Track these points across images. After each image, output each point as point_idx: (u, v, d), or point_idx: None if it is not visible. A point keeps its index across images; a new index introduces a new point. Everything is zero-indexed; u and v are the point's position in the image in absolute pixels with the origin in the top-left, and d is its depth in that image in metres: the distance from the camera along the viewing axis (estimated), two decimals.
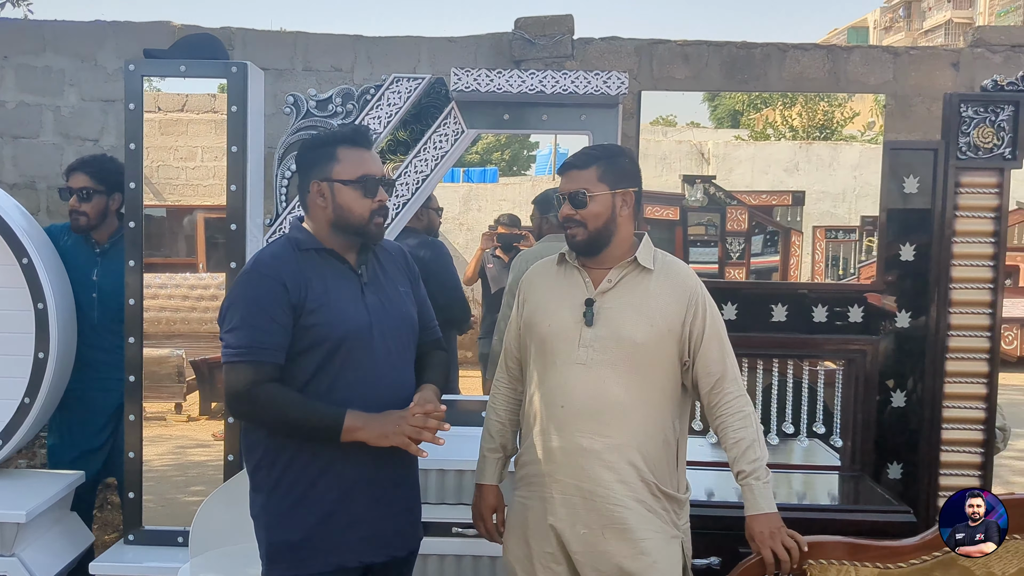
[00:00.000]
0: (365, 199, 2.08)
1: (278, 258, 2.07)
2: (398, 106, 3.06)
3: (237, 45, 6.08)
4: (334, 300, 2.05)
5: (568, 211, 2.13)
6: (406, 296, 2.21)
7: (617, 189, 2.14)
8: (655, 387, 2.10)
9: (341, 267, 2.12)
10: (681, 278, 2.16)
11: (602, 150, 2.20)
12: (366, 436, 1.96)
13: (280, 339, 2.00)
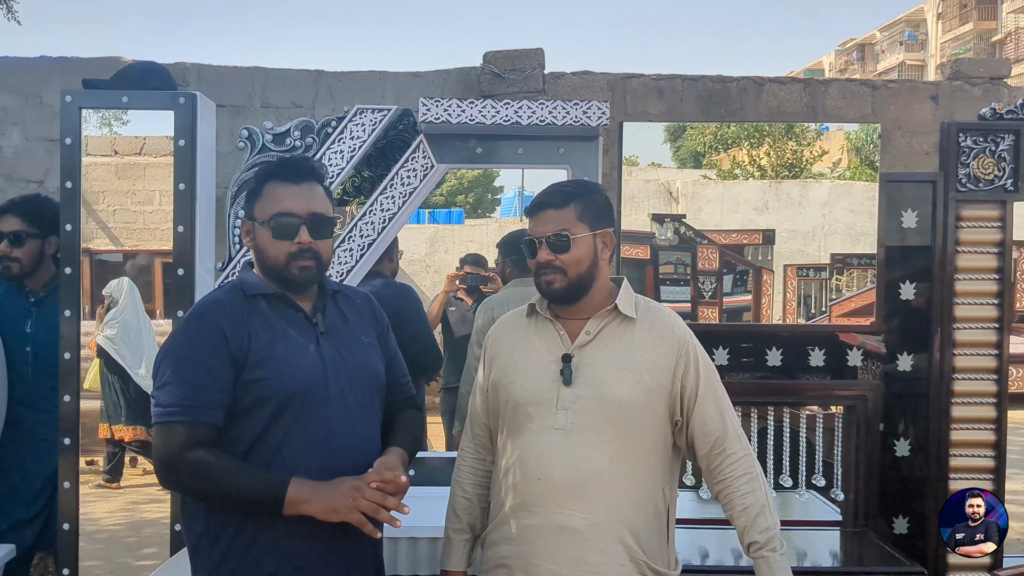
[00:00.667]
0: (278, 241, 1.90)
1: (219, 304, 1.89)
2: (362, 139, 2.90)
3: (192, 81, 5.93)
4: (282, 351, 1.86)
5: (546, 256, 1.94)
6: (370, 348, 2.02)
7: (597, 230, 1.97)
8: (644, 452, 1.92)
9: (294, 315, 1.93)
10: (668, 326, 1.98)
11: (577, 186, 2.03)
12: (313, 510, 1.76)
13: (217, 396, 1.80)
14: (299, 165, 1.97)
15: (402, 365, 2.14)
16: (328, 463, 1.83)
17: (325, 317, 1.97)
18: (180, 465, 1.77)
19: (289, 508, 1.75)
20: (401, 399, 2.11)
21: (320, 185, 1.99)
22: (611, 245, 2.00)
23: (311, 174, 1.97)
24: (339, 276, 2.87)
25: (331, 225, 1.97)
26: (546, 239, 1.94)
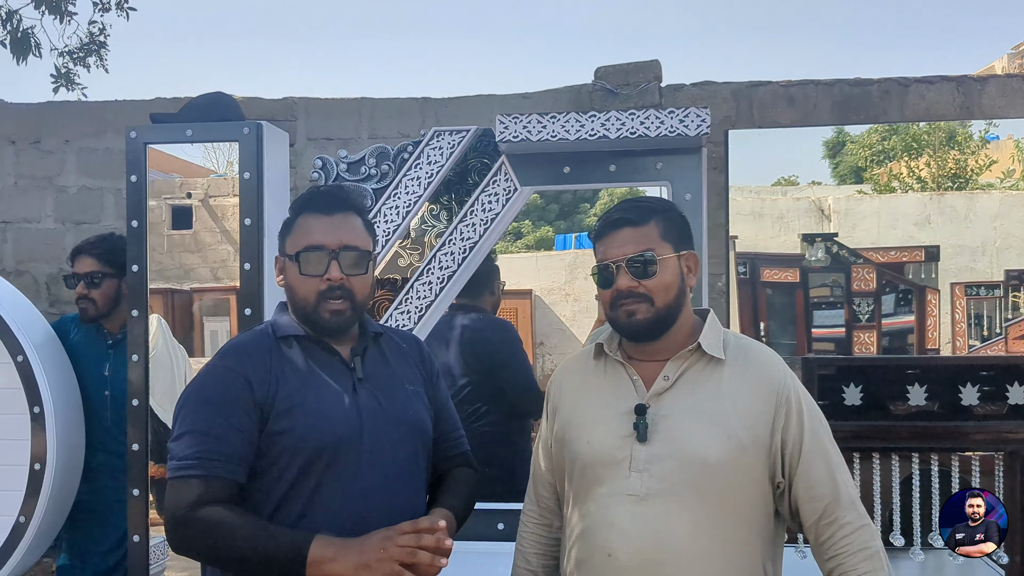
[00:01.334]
0: (307, 277, 1.74)
1: (244, 346, 1.75)
2: (440, 164, 2.73)
3: (300, 115, 5.99)
4: (312, 400, 1.69)
5: (628, 283, 1.68)
6: (416, 397, 1.83)
7: (682, 251, 1.71)
8: (737, 522, 1.61)
9: (328, 359, 1.77)
10: (764, 368, 1.68)
11: (655, 201, 1.78)
12: (341, 569, 1.53)
13: (238, 450, 1.64)
14: (332, 195, 1.82)
15: (454, 418, 1.94)
16: (363, 528, 1.63)
17: (365, 362, 1.79)
18: (190, 523, 1.60)
19: (312, 569, 1.54)
20: (452, 456, 1.91)
21: (357, 216, 1.82)
22: (695, 270, 1.73)
23: (345, 204, 1.81)
24: (417, 312, 2.70)
25: (366, 259, 1.79)
26: (626, 262, 1.67)
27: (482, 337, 3.60)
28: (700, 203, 2.63)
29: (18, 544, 2.56)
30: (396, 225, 2.72)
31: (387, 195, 2.72)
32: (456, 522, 1.76)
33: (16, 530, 2.56)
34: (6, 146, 6.13)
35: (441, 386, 1.95)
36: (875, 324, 6.11)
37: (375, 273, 1.89)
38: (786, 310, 6.08)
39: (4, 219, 6.13)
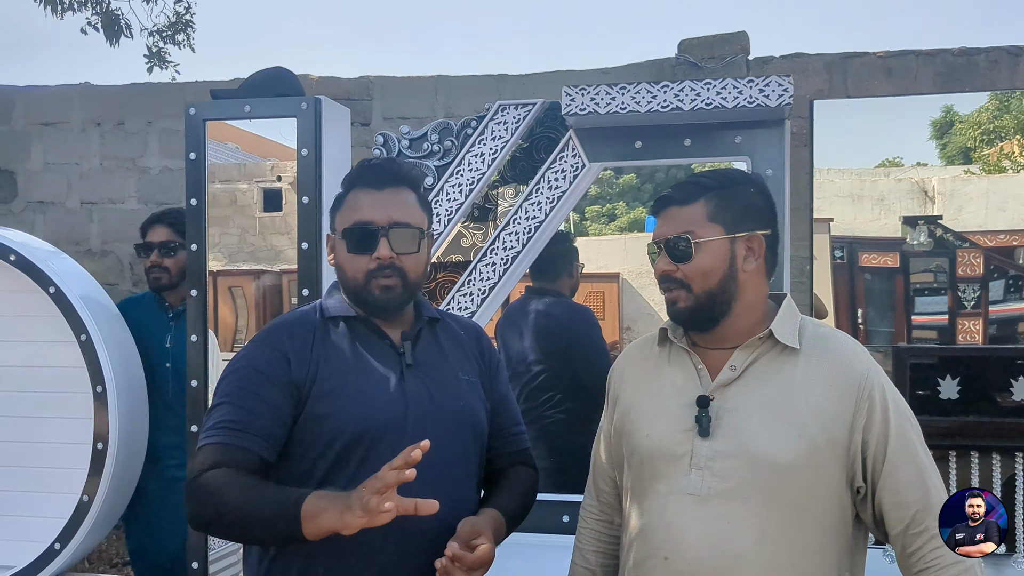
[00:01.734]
0: (356, 255, 1.66)
1: (289, 325, 1.68)
2: (505, 139, 2.63)
3: (376, 94, 5.96)
4: (354, 384, 1.61)
5: (665, 266, 1.57)
6: (470, 388, 1.73)
7: (738, 232, 1.56)
8: (810, 528, 1.47)
9: (377, 342, 1.69)
10: (845, 360, 1.52)
11: (716, 177, 1.62)
12: (330, 520, 1.40)
13: (266, 424, 1.57)
14: (383, 168, 1.72)
15: (514, 412, 1.83)
16: (403, 523, 1.55)
17: (416, 348, 1.70)
18: (193, 488, 1.53)
19: (307, 524, 1.42)
20: (509, 452, 1.80)
21: (410, 190, 1.73)
22: (760, 252, 1.57)
23: (396, 178, 1.71)
24: (480, 294, 2.61)
25: (419, 237, 1.69)
26: (664, 243, 1.56)
27: (558, 322, 3.51)
28: (782, 180, 2.47)
29: (82, 522, 2.58)
30: (459, 204, 2.64)
31: (450, 172, 2.64)
32: (507, 524, 1.66)
33: (80, 508, 2.58)
34: (92, 128, 6.28)
35: (501, 378, 1.84)
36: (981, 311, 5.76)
37: (431, 252, 1.79)
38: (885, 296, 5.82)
39: (90, 200, 6.30)
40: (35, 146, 6.38)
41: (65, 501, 2.61)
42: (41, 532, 2.64)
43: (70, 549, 2.59)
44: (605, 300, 8.55)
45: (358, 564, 1.56)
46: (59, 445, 2.66)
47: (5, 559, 2.69)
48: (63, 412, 2.65)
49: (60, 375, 2.65)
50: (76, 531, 2.58)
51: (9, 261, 2.63)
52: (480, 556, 1.50)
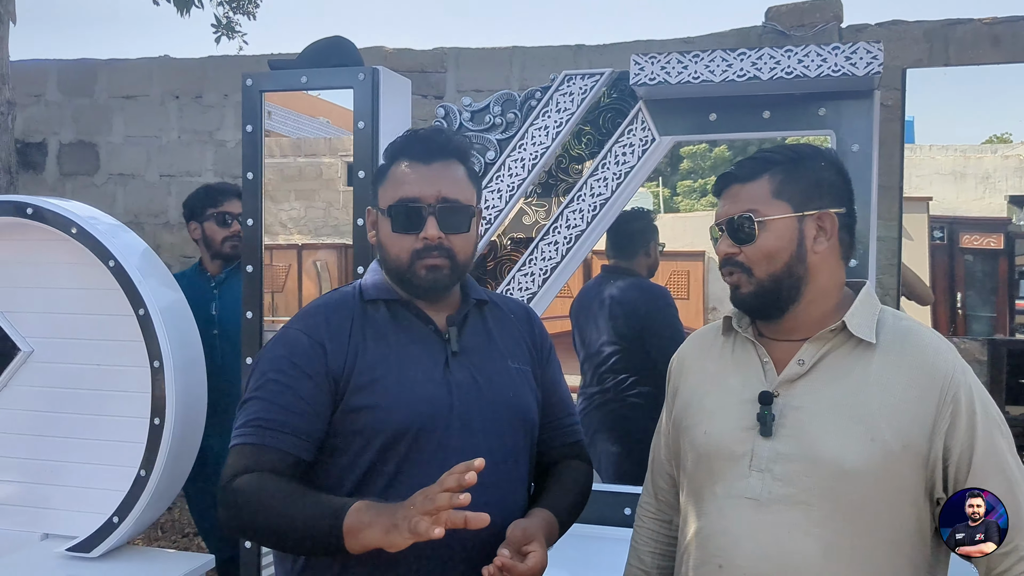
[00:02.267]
0: (401, 235, 1.56)
1: (324, 309, 1.59)
2: (570, 111, 2.52)
3: (450, 66, 5.89)
4: (396, 375, 1.52)
5: (726, 248, 1.46)
6: (520, 377, 1.63)
7: (808, 210, 1.43)
8: (882, 543, 1.34)
9: (421, 328, 1.59)
10: (927, 357, 1.38)
11: (782, 151, 1.49)
12: (373, 535, 1.31)
13: (301, 422, 1.48)
14: (430, 139, 1.61)
15: (567, 402, 1.72)
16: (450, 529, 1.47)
17: (462, 333, 1.61)
18: (227, 494, 1.45)
19: (350, 539, 1.33)
20: (562, 445, 1.70)
21: (460, 164, 1.62)
22: (833, 231, 1.44)
23: (445, 150, 1.60)
24: (542, 274, 2.52)
25: (469, 216, 1.59)
26: (727, 223, 1.45)
27: (632, 303, 3.40)
28: (870, 156, 2.31)
29: (139, 497, 2.59)
30: (521, 179, 2.55)
31: (512, 146, 2.55)
32: (560, 526, 1.57)
33: (137, 483, 2.59)
34: (171, 101, 6.38)
35: (553, 364, 1.74)
36: None
37: (480, 231, 1.69)
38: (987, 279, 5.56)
39: (168, 173, 6.41)
40: (116, 119, 6.52)
41: (124, 475, 2.63)
42: (101, 504, 2.67)
43: (128, 523, 2.61)
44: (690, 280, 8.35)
45: (400, 570, 1.48)
46: (119, 419, 2.68)
47: (69, 529, 2.73)
48: (123, 386, 2.67)
49: (120, 348, 2.67)
50: (133, 505, 2.60)
51: (71, 234, 2.65)
52: (532, 567, 1.40)
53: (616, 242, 3.27)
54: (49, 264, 2.76)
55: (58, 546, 2.66)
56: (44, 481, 2.80)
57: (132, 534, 2.69)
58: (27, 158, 6.66)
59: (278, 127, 7.11)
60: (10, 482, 2.83)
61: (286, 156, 6.12)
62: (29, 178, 6.61)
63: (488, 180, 2.56)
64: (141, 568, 2.62)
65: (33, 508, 2.82)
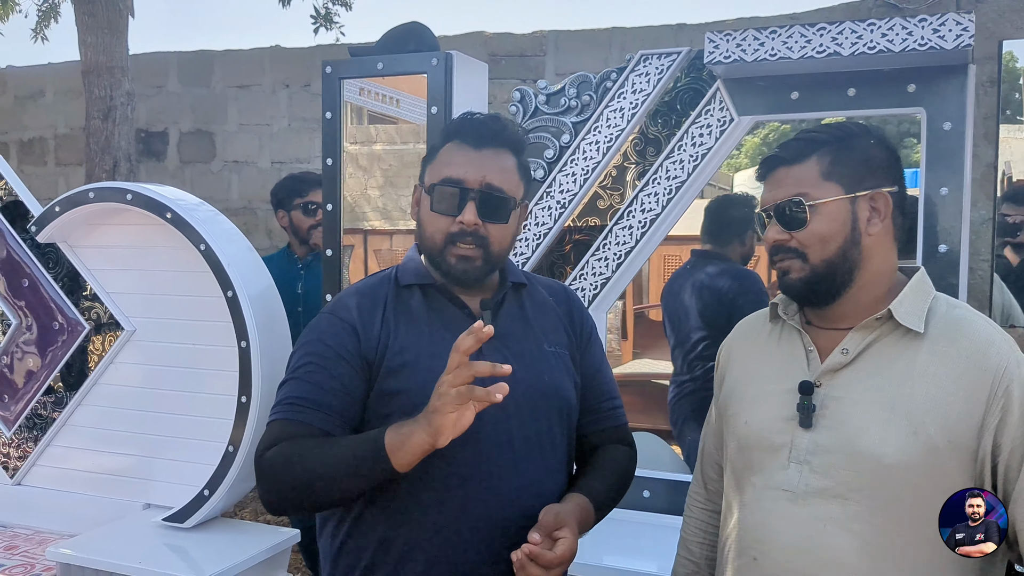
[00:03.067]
0: (437, 215, 1.56)
1: (360, 294, 1.62)
2: (646, 92, 2.48)
3: (549, 49, 5.88)
4: (426, 359, 1.53)
5: (776, 234, 1.41)
6: (556, 360, 1.62)
7: (860, 191, 1.37)
8: (924, 542, 1.28)
9: (455, 312, 1.60)
10: (978, 348, 1.31)
11: (829, 131, 1.42)
12: (420, 440, 1.34)
13: (334, 401, 1.51)
14: (484, 124, 1.60)
15: (608, 386, 1.71)
16: (480, 509, 1.48)
17: (498, 317, 1.61)
18: (261, 466, 1.50)
19: (396, 456, 1.36)
20: (602, 430, 1.69)
21: (511, 154, 1.61)
22: (887, 212, 1.38)
23: (498, 138, 1.59)
24: (616, 259, 2.50)
25: (509, 207, 1.58)
26: (775, 209, 1.40)
27: (720, 288, 3.34)
28: (963, 135, 2.19)
29: (227, 471, 2.71)
30: (596, 163, 2.53)
31: (587, 129, 2.53)
32: (596, 511, 1.56)
33: (226, 458, 2.71)
34: (281, 89, 6.61)
35: (595, 349, 1.73)
36: None
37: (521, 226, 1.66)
38: None
39: (279, 159, 6.65)
40: (231, 107, 6.80)
41: (215, 450, 2.75)
42: (194, 477, 2.80)
43: (218, 496, 2.73)
44: None
45: (433, 550, 1.51)
46: (211, 396, 2.80)
47: (165, 499, 2.88)
48: (213, 364, 2.79)
49: (210, 329, 2.79)
50: (223, 480, 2.72)
51: (166, 219, 2.78)
52: (560, 555, 1.39)
53: (710, 227, 3.21)
54: (147, 247, 2.91)
55: (157, 516, 2.81)
56: (146, 454, 2.96)
57: (224, 507, 2.82)
58: (150, 147, 7.02)
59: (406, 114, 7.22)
60: (118, 454, 3.01)
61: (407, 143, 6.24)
62: (152, 166, 6.97)
63: (563, 164, 2.54)
64: (230, 539, 2.74)
65: (137, 479, 2.99)
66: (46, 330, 3.08)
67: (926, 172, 2.19)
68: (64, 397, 3.06)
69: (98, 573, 2.56)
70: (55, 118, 7.42)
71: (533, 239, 2.56)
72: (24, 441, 3.14)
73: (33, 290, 3.08)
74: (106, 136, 5.13)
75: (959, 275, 2.16)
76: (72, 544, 2.65)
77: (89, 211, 2.93)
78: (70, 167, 7.30)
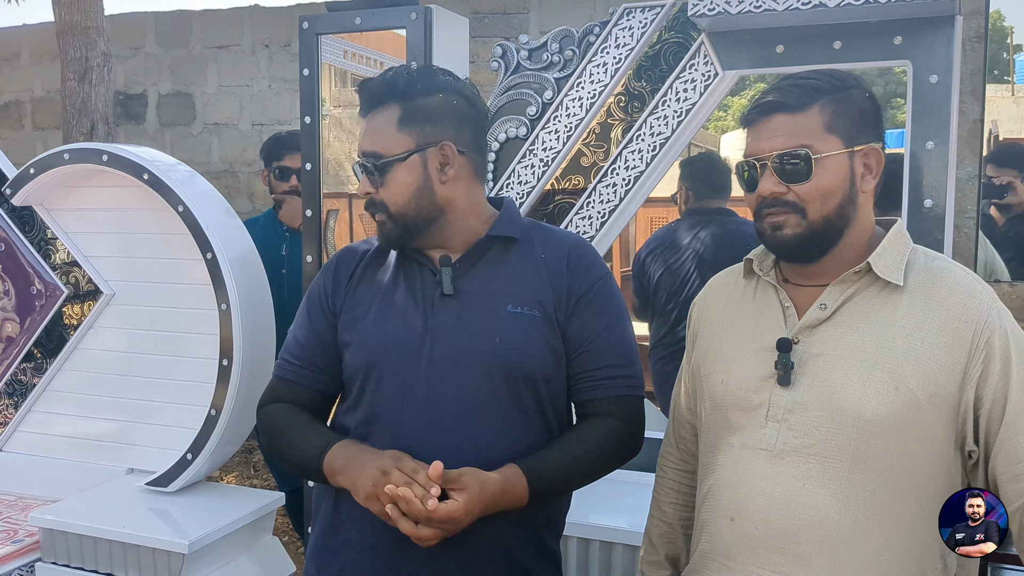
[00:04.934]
0: None
1: (343, 254, 1.72)
2: (630, 47, 2.45)
3: (533, 6, 5.81)
4: (374, 313, 1.58)
5: (773, 187, 1.35)
6: (520, 321, 1.55)
7: (856, 145, 1.34)
8: (905, 498, 1.28)
9: (416, 269, 1.62)
10: (959, 299, 1.30)
11: (826, 79, 1.38)
12: (344, 482, 1.50)
13: (318, 357, 1.65)
14: (363, 90, 1.61)
15: (606, 351, 1.61)
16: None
17: (467, 274, 1.58)
18: (260, 419, 1.68)
19: (330, 479, 1.52)
20: (592, 400, 1.60)
21: (390, 107, 1.58)
22: (878, 168, 1.36)
23: (375, 98, 1.60)
24: (600, 217, 2.48)
25: (388, 166, 1.56)
26: (772, 161, 1.34)
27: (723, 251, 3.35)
28: (950, 88, 2.17)
29: (210, 435, 2.70)
30: (579, 119, 2.50)
31: (570, 85, 2.50)
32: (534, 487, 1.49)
33: (208, 421, 2.70)
34: (261, 50, 6.51)
35: (592, 311, 1.61)
36: None
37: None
38: None
39: (260, 121, 6.57)
40: (211, 69, 6.70)
41: (197, 414, 2.74)
42: (178, 441, 2.79)
43: (202, 459, 2.72)
44: None
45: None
46: (192, 359, 2.79)
47: (148, 464, 2.88)
48: (195, 328, 2.77)
49: (190, 291, 2.76)
50: (206, 443, 2.71)
51: (143, 180, 2.74)
52: (433, 511, 1.36)
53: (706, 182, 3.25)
54: (125, 209, 2.87)
55: (140, 480, 2.81)
56: (128, 418, 2.95)
57: (207, 470, 2.81)
58: (129, 109, 6.92)
59: None
60: (100, 419, 3.00)
61: None
62: (131, 129, 6.88)
63: (546, 120, 2.51)
64: (214, 503, 2.74)
65: (119, 444, 2.98)
66: (24, 295, 3.05)
67: (912, 126, 2.17)
68: (44, 363, 3.04)
69: (81, 538, 2.55)
70: (31, 81, 7.31)
71: (516, 198, 2.53)
72: (4, 407, 3.12)
73: (9, 254, 3.05)
74: (83, 98, 5.05)
75: (944, 230, 2.15)
76: (55, 509, 2.65)
77: (65, 173, 2.88)
78: (47, 131, 7.20)
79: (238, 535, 2.68)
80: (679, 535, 1.60)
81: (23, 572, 2.62)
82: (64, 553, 2.59)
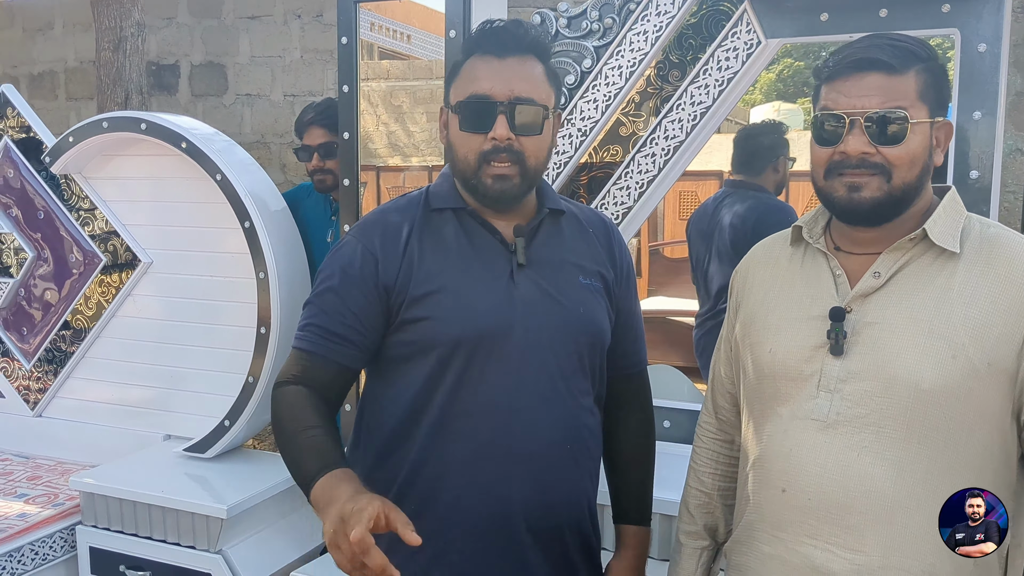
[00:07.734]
0: (468, 134, 1.51)
1: (384, 218, 1.59)
2: (671, 15, 2.44)
3: None
4: (454, 286, 1.51)
5: (862, 146, 1.30)
6: (592, 293, 1.59)
7: (937, 117, 1.33)
8: (960, 468, 1.27)
9: (487, 238, 1.57)
10: (1016, 266, 1.29)
11: (925, 48, 1.35)
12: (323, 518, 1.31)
13: (349, 331, 1.51)
14: (506, 32, 1.54)
15: (637, 328, 1.69)
16: (504, 440, 1.49)
17: (532, 244, 1.57)
18: (274, 396, 1.53)
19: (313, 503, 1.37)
20: (627, 375, 1.71)
21: (538, 61, 1.56)
22: (946, 144, 1.35)
23: (522, 44, 1.54)
24: (638, 188, 2.48)
25: (542, 116, 1.53)
26: (865, 119, 1.30)
27: (752, 220, 3.31)
28: (998, 58, 2.14)
29: (247, 402, 2.75)
30: (618, 88, 2.49)
31: (609, 53, 2.49)
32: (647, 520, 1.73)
33: (246, 389, 2.75)
34: (293, 20, 6.53)
35: (631, 285, 1.68)
36: None
37: (556, 135, 1.62)
38: None
39: (292, 92, 6.60)
40: (242, 39, 6.73)
41: (234, 381, 2.79)
42: (215, 408, 2.85)
43: (239, 426, 2.77)
44: None
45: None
46: (230, 327, 2.84)
47: (187, 431, 2.94)
48: (232, 296, 2.81)
49: (228, 260, 2.80)
50: (243, 410, 2.76)
51: (181, 148, 2.77)
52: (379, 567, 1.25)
53: (740, 156, 3.18)
54: (163, 178, 2.91)
55: (178, 446, 2.87)
56: (166, 386, 3.01)
57: (244, 437, 2.87)
58: (161, 80, 6.98)
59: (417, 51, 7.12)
60: (137, 386, 3.06)
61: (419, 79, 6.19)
62: (164, 99, 6.94)
63: (584, 90, 2.51)
64: (251, 469, 2.80)
65: (157, 411, 3.04)
66: (62, 262, 3.11)
67: (959, 96, 2.14)
68: (82, 330, 3.10)
69: (121, 502, 2.62)
70: (65, 51, 7.39)
71: (553, 168, 2.54)
72: (44, 374, 3.20)
73: (48, 222, 3.10)
74: (117, 68, 5.10)
75: (991, 202, 2.13)
76: (95, 474, 2.71)
77: (103, 141, 2.93)
78: (81, 101, 7.29)
79: (274, 501, 2.73)
80: (717, 505, 1.61)
81: (64, 535, 2.69)
82: (104, 516, 2.65)
